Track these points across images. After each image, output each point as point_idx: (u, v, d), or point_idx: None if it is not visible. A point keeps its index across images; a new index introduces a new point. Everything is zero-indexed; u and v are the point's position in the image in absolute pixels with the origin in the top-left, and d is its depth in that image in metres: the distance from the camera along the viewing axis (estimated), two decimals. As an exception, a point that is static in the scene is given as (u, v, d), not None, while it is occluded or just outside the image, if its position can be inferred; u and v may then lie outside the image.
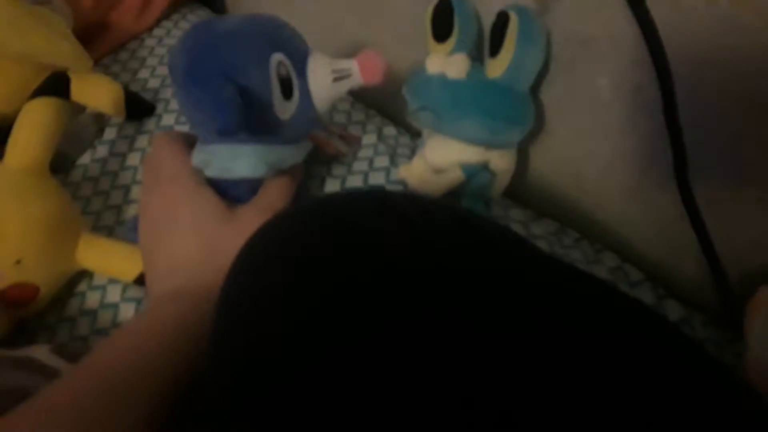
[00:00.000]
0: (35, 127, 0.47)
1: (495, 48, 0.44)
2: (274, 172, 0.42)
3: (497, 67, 0.44)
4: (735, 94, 0.37)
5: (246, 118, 0.37)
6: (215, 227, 0.39)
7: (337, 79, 0.41)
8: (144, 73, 0.62)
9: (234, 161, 0.40)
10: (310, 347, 0.24)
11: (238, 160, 0.40)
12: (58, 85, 0.53)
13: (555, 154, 0.51)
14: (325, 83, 0.41)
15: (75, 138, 0.55)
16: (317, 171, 0.53)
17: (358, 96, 0.62)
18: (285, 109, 0.41)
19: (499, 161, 0.48)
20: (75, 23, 0.59)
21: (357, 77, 0.41)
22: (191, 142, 0.44)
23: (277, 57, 0.39)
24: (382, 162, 0.54)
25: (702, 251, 0.42)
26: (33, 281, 0.43)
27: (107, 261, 0.46)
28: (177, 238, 0.40)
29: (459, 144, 0.47)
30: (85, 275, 0.47)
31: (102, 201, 0.52)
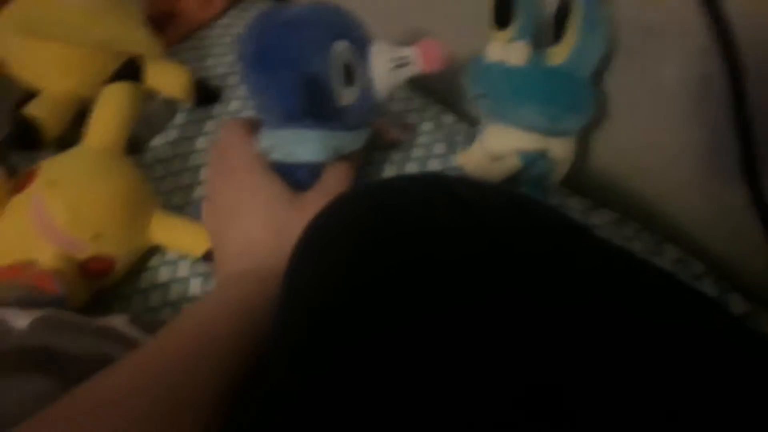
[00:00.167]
0: (113, 111, 0.49)
1: (557, 35, 0.44)
2: (335, 157, 0.43)
3: (559, 55, 0.44)
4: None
5: (310, 103, 0.39)
6: (285, 213, 0.41)
7: (398, 67, 0.42)
8: (211, 61, 0.64)
9: (297, 146, 0.42)
10: (374, 327, 0.24)
11: (301, 144, 0.42)
12: (132, 71, 0.56)
13: (616, 143, 0.50)
14: (386, 70, 0.42)
15: (147, 122, 0.57)
16: (376, 157, 0.54)
17: (416, 84, 0.63)
18: (346, 96, 0.42)
19: (558, 149, 0.47)
20: (147, 12, 0.61)
21: (417, 65, 0.42)
22: (257, 126, 0.45)
23: (341, 44, 0.40)
24: (439, 149, 0.55)
25: (768, 245, 0.41)
26: (110, 254, 0.45)
27: (177, 237, 0.48)
28: (249, 223, 0.41)
29: (517, 131, 0.47)
30: (158, 251, 0.50)
31: (173, 181, 0.54)
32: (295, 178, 0.44)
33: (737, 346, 0.26)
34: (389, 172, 0.53)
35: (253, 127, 0.45)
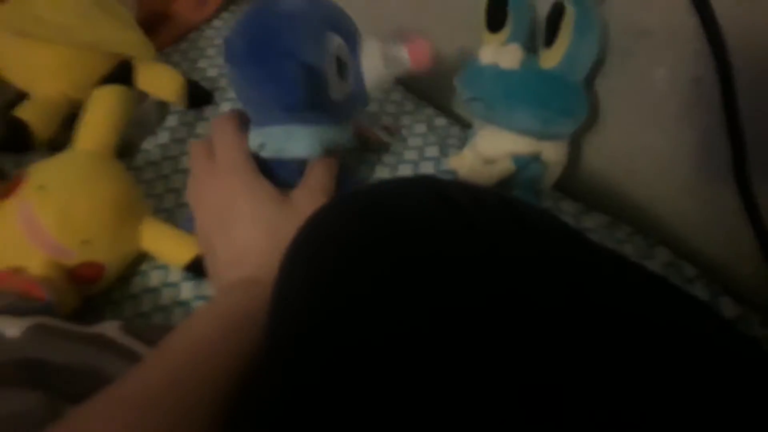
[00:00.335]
0: (103, 114, 0.49)
1: (550, 38, 0.44)
2: (325, 152, 0.42)
3: (552, 58, 0.44)
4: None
5: (309, 94, 0.38)
6: (275, 214, 0.40)
7: (388, 64, 0.42)
8: (203, 63, 0.64)
9: (289, 142, 0.41)
10: (366, 334, 0.24)
11: (292, 141, 0.41)
12: (123, 74, 0.56)
13: (608, 146, 0.50)
14: (377, 67, 0.42)
15: (139, 124, 0.57)
16: (368, 159, 0.54)
17: (408, 86, 0.63)
18: (339, 90, 0.41)
19: (551, 153, 0.47)
20: (139, 14, 0.61)
21: (406, 63, 0.42)
22: (245, 121, 0.44)
23: (335, 38, 0.40)
24: (432, 152, 0.55)
25: (760, 248, 0.41)
26: (99, 260, 0.44)
27: (162, 245, 0.47)
28: (239, 229, 0.40)
29: (510, 134, 0.47)
30: (149, 255, 0.49)
31: (163, 184, 0.54)
32: (282, 175, 0.43)
33: (727, 348, 0.26)
34: (381, 174, 0.53)
35: (242, 123, 0.44)
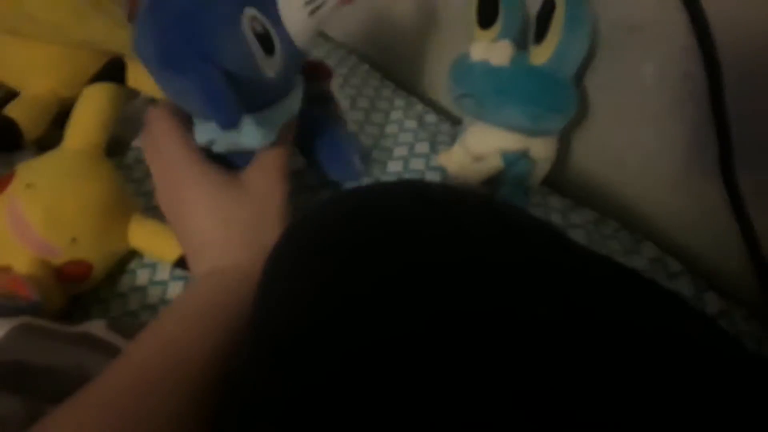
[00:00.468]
0: (94, 112, 0.49)
1: (540, 34, 0.44)
2: (282, 127, 0.40)
3: (542, 54, 0.44)
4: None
5: (239, 94, 0.34)
6: (227, 202, 0.39)
7: (313, 11, 0.37)
8: (194, 59, 0.64)
9: (242, 136, 0.38)
10: (366, 335, 0.24)
11: (243, 135, 0.38)
12: (114, 71, 0.56)
13: (597, 141, 0.50)
14: (301, 18, 0.37)
15: (129, 122, 0.57)
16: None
17: (399, 82, 0.63)
18: (270, 66, 0.37)
19: (540, 149, 0.47)
20: (130, 11, 0.61)
21: (332, 1, 0.37)
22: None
23: (249, 13, 0.35)
24: (422, 148, 0.55)
25: (745, 244, 0.41)
26: (87, 259, 0.44)
27: (151, 242, 0.47)
28: (194, 223, 0.39)
29: (499, 131, 0.47)
30: (136, 254, 0.49)
31: (153, 182, 0.54)
32: (239, 163, 0.41)
33: (711, 349, 0.26)
34: (371, 169, 0.53)
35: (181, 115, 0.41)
